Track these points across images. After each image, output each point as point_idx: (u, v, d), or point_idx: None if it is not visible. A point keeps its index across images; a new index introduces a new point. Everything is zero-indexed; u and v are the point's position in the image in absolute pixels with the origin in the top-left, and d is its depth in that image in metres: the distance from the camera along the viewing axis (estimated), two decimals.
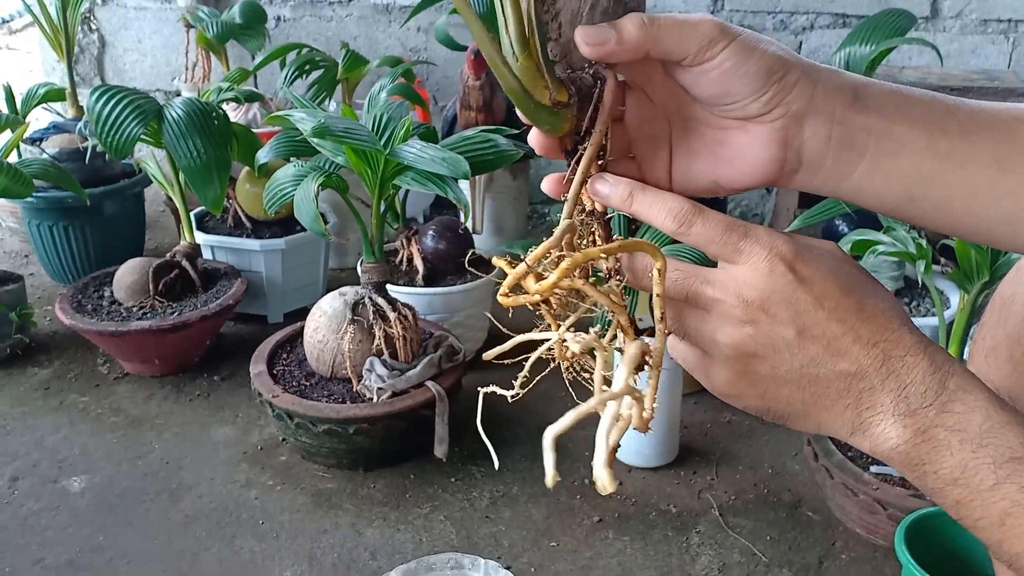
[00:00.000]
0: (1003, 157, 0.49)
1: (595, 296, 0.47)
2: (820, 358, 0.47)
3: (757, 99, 0.47)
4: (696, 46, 0.47)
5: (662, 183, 0.53)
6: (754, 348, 0.47)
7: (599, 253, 0.46)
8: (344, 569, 1.10)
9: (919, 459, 0.46)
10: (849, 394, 0.47)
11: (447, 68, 2.34)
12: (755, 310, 0.46)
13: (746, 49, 0.47)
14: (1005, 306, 0.77)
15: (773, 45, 0.48)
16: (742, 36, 0.47)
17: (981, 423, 0.45)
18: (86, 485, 1.26)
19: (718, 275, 0.48)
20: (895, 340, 0.46)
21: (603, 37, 0.46)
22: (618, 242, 0.47)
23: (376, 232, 1.28)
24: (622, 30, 0.46)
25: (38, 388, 1.51)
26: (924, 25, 2.09)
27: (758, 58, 0.47)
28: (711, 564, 1.11)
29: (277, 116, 1.25)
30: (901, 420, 0.46)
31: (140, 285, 1.53)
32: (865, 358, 0.46)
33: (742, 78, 0.47)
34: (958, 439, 0.45)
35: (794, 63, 0.48)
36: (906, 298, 1.46)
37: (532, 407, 1.43)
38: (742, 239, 0.47)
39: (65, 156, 1.78)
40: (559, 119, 0.48)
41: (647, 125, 0.53)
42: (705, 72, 0.47)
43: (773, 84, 0.47)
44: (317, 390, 1.28)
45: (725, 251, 0.48)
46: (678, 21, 0.47)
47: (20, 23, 2.86)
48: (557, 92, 0.47)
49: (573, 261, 0.45)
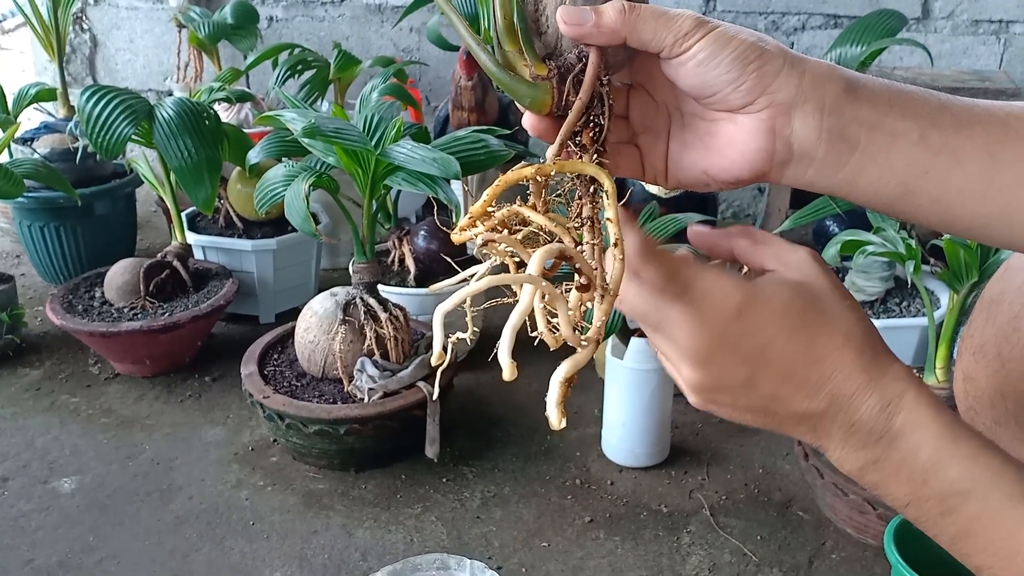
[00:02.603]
0: (997, 152, 0.49)
1: (536, 219, 0.47)
2: (771, 403, 0.50)
3: (736, 89, 0.48)
4: (672, 38, 0.47)
5: (659, 174, 0.54)
6: (711, 385, 0.50)
7: (533, 173, 0.47)
8: (335, 570, 1.10)
9: (874, 483, 0.50)
10: (805, 425, 0.50)
11: (439, 68, 2.34)
12: (704, 359, 0.49)
13: (721, 40, 0.47)
14: (993, 304, 0.77)
15: (752, 36, 0.48)
16: (719, 28, 0.47)
17: (927, 459, 0.48)
18: (76, 486, 1.26)
19: (673, 317, 0.48)
20: (844, 379, 0.49)
21: (582, 18, 0.47)
22: (557, 163, 0.47)
23: (367, 232, 1.28)
24: (601, 13, 0.47)
25: (29, 389, 1.51)
26: (915, 26, 2.10)
27: (732, 48, 0.47)
28: (701, 564, 1.12)
29: (268, 116, 1.24)
30: (853, 451, 0.50)
31: (131, 285, 1.53)
32: (812, 402, 0.49)
33: (716, 68, 0.47)
34: (906, 472, 0.49)
35: (774, 52, 0.48)
36: (896, 298, 1.46)
37: (524, 407, 1.44)
38: (683, 293, 0.48)
39: (56, 156, 1.78)
40: (538, 91, 0.49)
41: (649, 119, 0.54)
42: (683, 64, 0.48)
43: (751, 73, 0.47)
44: (308, 391, 1.28)
45: (673, 296, 0.48)
46: (658, 12, 0.47)
47: (12, 23, 2.86)
48: (536, 67, 0.49)
49: (504, 180, 0.46)
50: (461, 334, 0.49)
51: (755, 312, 0.48)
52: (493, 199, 0.47)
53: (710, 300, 0.48)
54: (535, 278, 0.43)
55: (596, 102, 0.49)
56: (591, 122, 0.49)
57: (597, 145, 0.49)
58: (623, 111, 0.54)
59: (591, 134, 0.49)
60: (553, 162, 0.47)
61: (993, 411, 0.76)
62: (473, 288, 0.44)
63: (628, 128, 0.54)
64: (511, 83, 0.49)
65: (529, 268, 0.43)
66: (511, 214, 0.47)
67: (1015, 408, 0.73)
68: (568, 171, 0.48)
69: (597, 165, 0.48)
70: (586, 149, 0.49)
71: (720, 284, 0.48)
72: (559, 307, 0.44)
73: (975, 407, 0.79)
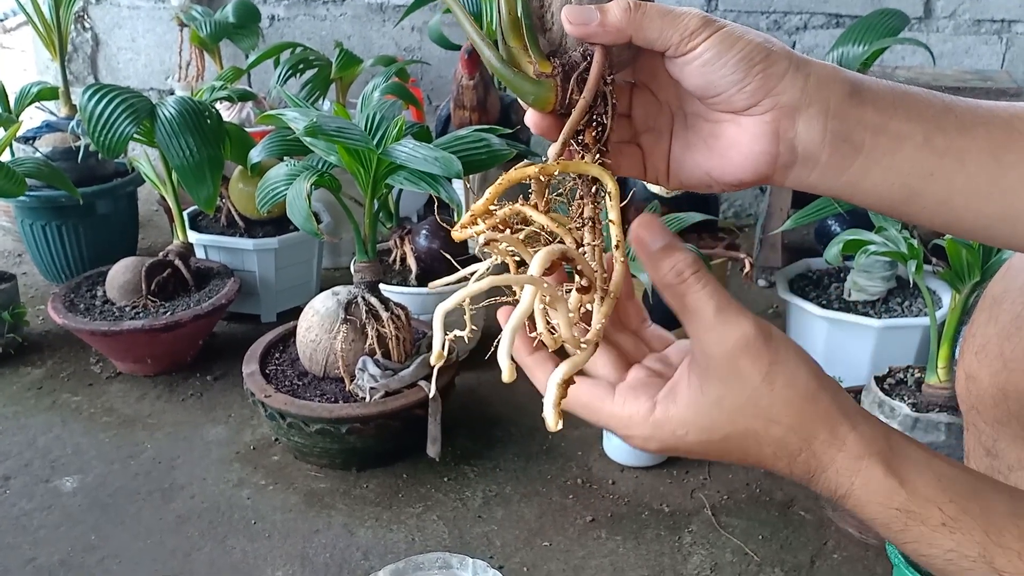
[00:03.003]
0: (1001, 153, 0.49)
1: (537, 219, 0.47)
2: None
3: (741, 90, 0.47)
4: (678, 37, 0.47)
5: (661, 174, 0.54)
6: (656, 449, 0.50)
7: (536, 173, 0.46)
8: (336, 569, 1.10)
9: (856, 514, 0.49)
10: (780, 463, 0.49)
11: (441, 67, 2.34)
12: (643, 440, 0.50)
13: (727, 40, 0.47)
14: (995, 304, 0.77)
15: (759, 37, 0.48)
16: (726, 28, 0.47)
17: (891, 524, 0.47)
18: (78, 485, 1.26)
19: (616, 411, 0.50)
20: (791, 466, 0.48)
21: (587, 17, 0.47)
22: (561, 162, 0.47)
23: (369, 231, 1.28)
24: (606, 12, 0.47)
25: (30, 387, 1.51)
26: (918, 25, 2.09)
27: (739, 49, 0.47)
28: (703, 563, 1.12)
29: (270, 115, 1.24)
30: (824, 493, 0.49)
31: (133, 284, 1.53)
32: (779, 463, 0.49)
33: (722, 69, 0.47)
34: (877, 525, 0.48)
35: (780, 54, 0.48)
36: (898, 297, 1.46)
37: (525, 407, 1.44)
38: None
39: (58, 155, 1.78)
40: (542, 88, 0.48)
41: (651, 119, 0.54)
42: (688, 63, 0.48)
43: (756, 75, 0.47)
44: (310, 390, 1.28)
45: None
46: (664, 11, 0.47)
47: (14, 22, 2.86)
48: (540, 64, 0.48)
49: (507, 179, 0.46)
50: (459, 332, 0.49)
51: (694, 436, 0.48)
52: (496, 197, 0.46)
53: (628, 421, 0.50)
54: (537, 279, 0.43)
55: (600, 101, 0.49)
56: (594, 121, 0.49)
57: (600, 144, 0.49)
58: (626, 110, 0.54)
59: (594, 133, 0.49)
60: (556, 162, 0.47)
61: (995, 410, 0.76)
62: (474, 288, 0.44)
63: (630, 127, 0.54)
64: (515, 80, 0.49)
65: (531, 269, 0.43)
66: (512, 213, 0.47)
67: (1017, 408, 0.73)
68: (571, 171, 0.48)
69: (600, 166, 0.48)
70: (588, 148, 0.49)
71: (669, 410, 0.49)
72: (559, 309, 0.44)
73: (977, 407, 0.79)
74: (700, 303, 0.46)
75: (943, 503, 0.46)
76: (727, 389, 0.47)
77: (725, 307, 0.46)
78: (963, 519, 0.46)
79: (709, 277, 0.47)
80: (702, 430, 0.48)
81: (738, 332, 0.46)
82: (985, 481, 0.48)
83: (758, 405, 0.47)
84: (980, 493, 0.47)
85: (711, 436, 0.48)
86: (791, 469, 0.48)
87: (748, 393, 0.47)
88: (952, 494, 0.46)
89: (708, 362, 0.47)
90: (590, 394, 0.51)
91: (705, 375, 0.47)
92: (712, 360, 0.47)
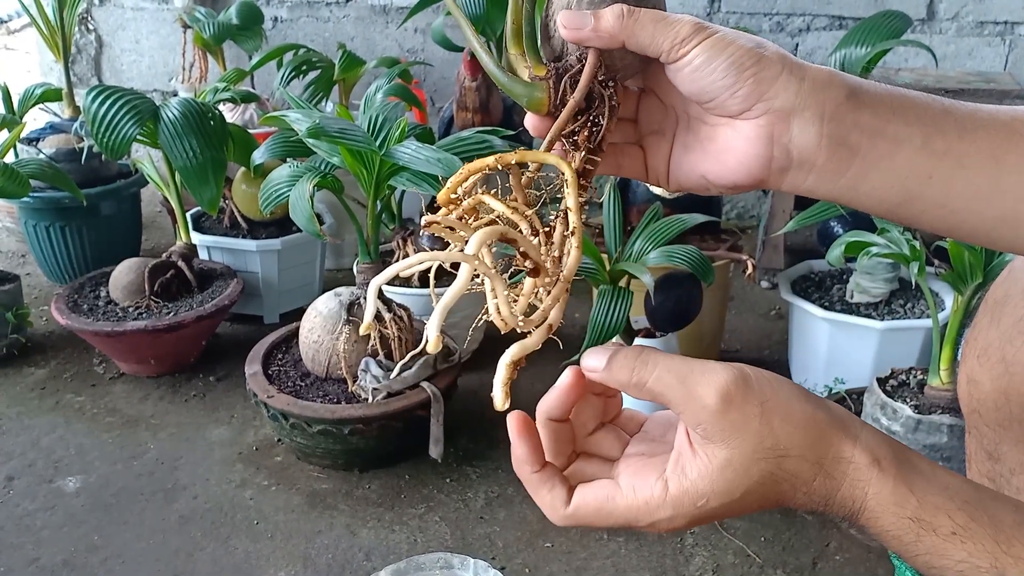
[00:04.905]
0: (1001, 156, 0.48)
1: (497, 207, 0.47)
2: None
3: (733, 95, 0.48)
4: (669, 43, 0.47)
5: (661, 176, 0.55)
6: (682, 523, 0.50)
7: (494, 162, 0.47)
8: (338, 570, 1.10)
9: None
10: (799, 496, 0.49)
11: (444, 69, 2.34)
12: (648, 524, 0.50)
13: (718, 46, 0.47)
14: (998, 307, 0.77)
15: (751, 42, 0.48)
16: (717, 34, 0.47)
17: (903, 536, 0.47)
18: (81, 485, 1.26)
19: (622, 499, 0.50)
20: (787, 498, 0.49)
21: (581, 22, 0.48)
22: (519, 152, 0.48)
23: (372, 233, 1.28)
24: (600, 18, 0.47)
25: (34, 388, 1.51)
26: (920, 27, 2.09)
27: (729, 54, 0.47)
28: (705, 565, 1.12)
29: (273, 116, 1.25)
30: None
31: (136, 285, 1.53)
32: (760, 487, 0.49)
33: (712, 74, 0.47)
34: (890, 537, 0.48)
35: (772, 58, 0.48)
36: (900, 299, 1.46)
37: (526, 407, 1.43)
38: None
39: (62, 156, 1.78)
40: (535, 90, 0.49)
41: (657, 122, 0.54)
42: (679, 69, 0.48)
43: (747, 80, 0.47)
44: (312, 391, 1.28)
45: None
46: (657, 17, 0.47)
47: (18, 23, 2.87)
48: (535, 67, 0.49)
49: (467, 169, 0.47)
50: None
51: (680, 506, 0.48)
52: (457, 187, 0.47)
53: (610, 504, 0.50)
54: (468, 256, 0.43)
55: (596, 102, 0.49)
56: (589, 121, 0.49)
57: (591, 144, 0.50)
58: (632, 114, 0.54)
59: (587, 133, 0.50)
60: (515, 151, 0.48)
61: (997, 414, 0.76)
62: (404, 264, 0.44)
63: (635, 130, 0.55)
64: (508, 82, 0.50)
65: (468, 248, 0.44)
66: (476, 202, 0.48)
67: (1019, 411, 0.73)
68: (529, 160, 0.49)
69: (557, 156, 0.48)
70: (578, 147, 0.50)
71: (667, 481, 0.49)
72: (497, 287, 0.45)
73: (979, 410, 0.79)
74: (662, 384, 0.47)
75: (952, 511, 0.46)
76: (731, 447, 0.47)
77: (687, 373, 0.47)
78: (973, 528, 0.46)
79: (656, 357, 0.48)
80: (722, 495, 0.47)
81: (711, 389, 0.46)
82: (988, 492, 0.48)
83: (764, 448, 0.47)
84: (985, 503, 0.47)
85: (732, 497, 0.47)
86: (810, 498, 0.48)
87: (752, 442, 0.47)
88: (960, 502, 0.46)
89: (702, 430, 0.47)
90: (597, 496, 0.50)
91: (705, 442, 0.47)
92: (704, 426, 0.47)
